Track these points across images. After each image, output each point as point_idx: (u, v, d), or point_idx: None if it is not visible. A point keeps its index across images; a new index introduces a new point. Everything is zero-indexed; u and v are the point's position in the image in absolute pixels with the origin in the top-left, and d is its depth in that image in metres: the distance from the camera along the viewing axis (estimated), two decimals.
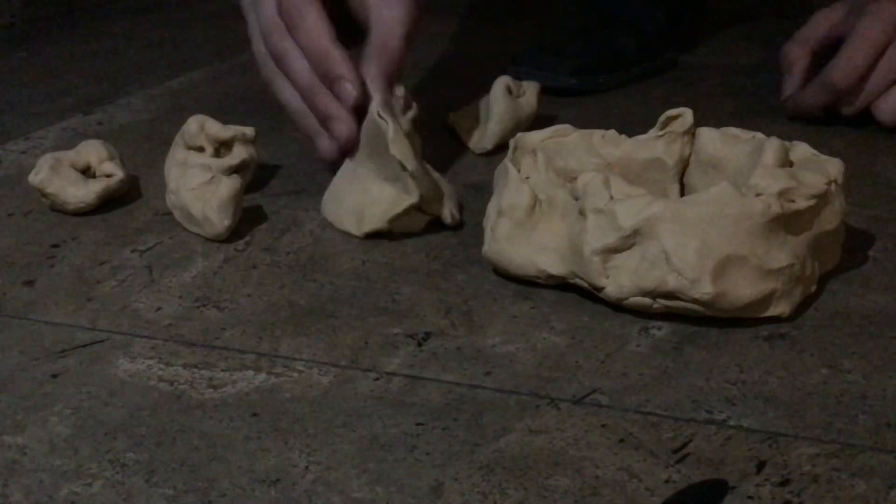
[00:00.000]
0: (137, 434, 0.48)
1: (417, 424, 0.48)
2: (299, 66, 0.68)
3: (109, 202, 0.72)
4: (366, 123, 0.66)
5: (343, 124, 0.67)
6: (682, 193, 0.65)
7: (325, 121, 0.68)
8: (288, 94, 0.71)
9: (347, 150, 0.68)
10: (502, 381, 0.51)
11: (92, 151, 0.72)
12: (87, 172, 0.72)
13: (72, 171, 0.70)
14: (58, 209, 0.71)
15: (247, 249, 0.66)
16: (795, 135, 0.68)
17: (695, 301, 0.54)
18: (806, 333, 0.55)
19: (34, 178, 0.70)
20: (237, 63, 1.04)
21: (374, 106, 0.65)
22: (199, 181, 0.66)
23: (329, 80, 0.67)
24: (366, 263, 0.64)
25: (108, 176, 0.71)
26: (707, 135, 0.64)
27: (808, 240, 0.56)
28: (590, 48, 0.95)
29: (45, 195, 0.70)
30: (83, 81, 1.02)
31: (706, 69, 1.01)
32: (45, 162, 0.70)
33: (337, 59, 0.67)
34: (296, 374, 0.52)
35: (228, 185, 0.65)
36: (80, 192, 0.70)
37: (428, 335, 0.56)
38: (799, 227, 0.56)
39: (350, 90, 0.66)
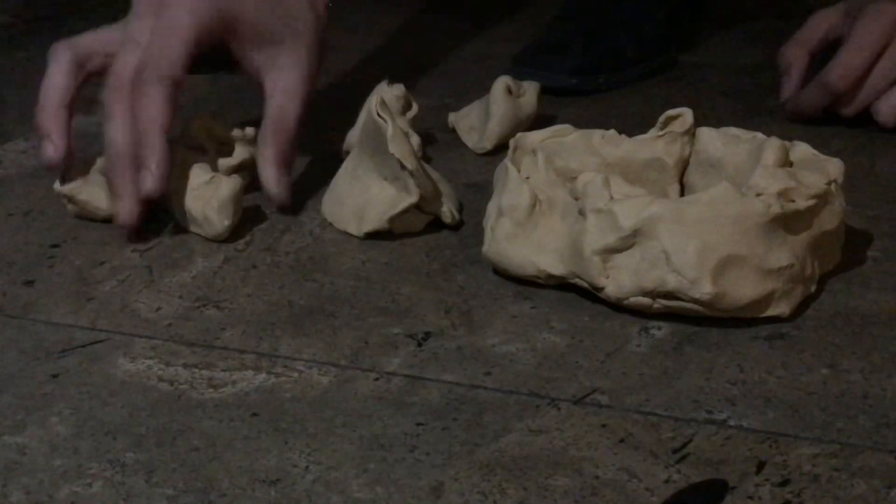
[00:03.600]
0: (137, 434, 0.48)
1: (417, 424, 0.48)
2: (119, 132, 0.66)
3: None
4: (365, 123, 0.66)
5: (124, 211, 0.65)
6: (682, 193, 0.65)
7: (114, 195, 0.66)
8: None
9: (128, 230, 0.66)
10: (502, 381, 0.51)
11: None
12: None
13: (102, 178, 0.69)
14: (87, 216, 0.69)
15: (247, 249, 0.66)
16: (795, 135, 0.68)
17: (695, 301, 0.54)
18: (806, 333, 0.55)
19: (64, 186, 0.68)
20: None
21: (374, 105, 0.65)
22: (199, 181, 0.66)
23: (136, 162, 0.65)
24: (366, 263, 0.64)
25: None
26: (707, 135, 0.64)
27: (808, 240, 0.56)
28: (590, 48, 0.95)
29: (73, 202, 0.69)
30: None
31: (706, 69, 1.01)
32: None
33: (152, 147, 0.64)
34: (296, 374, 0.52)
35: (228, 185, 0.65)
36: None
37: (428, 335, 0.56)
38: (799, 227, 0.56)
39: (147, 181, 0.64)
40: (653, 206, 0.55)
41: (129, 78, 0.66)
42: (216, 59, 0.72)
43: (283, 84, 0.70)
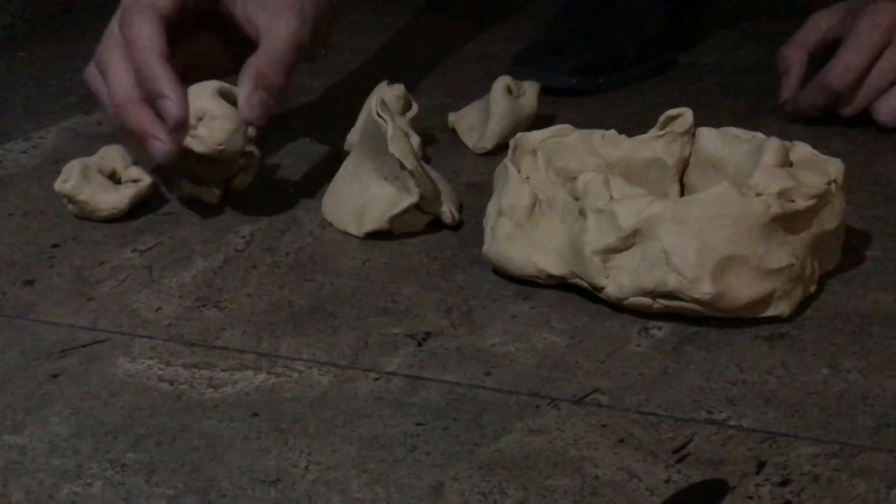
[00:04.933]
0: (137, 434, 0.48)
1: (417, 424, 0.48)
2: (118, 79, 0.65)
3: (136, 207, 0.71)
4: (365, 123, 0.66)
5: (158, 147, 0.64)
6: (682, 193, 0.65)
7: (140, 138, 0.65)
8: (107, 101, 0.68)
9: (170, 160, 0.65)
10: (502, 381, 0.51)
11: (116, 157, 0.70)
12: (112, 178, 0.70)
13: (101, 178, 0.69)
14: (86, 216, 0.69)
15: (247, 249, 0.66)
16: (795, 135, 0.68)
17: (695, 301, 0.54)
18: (806, 333, 0.55)
19: (64, 185, 0.68)
20: None
21: (374, 105, 0.65)
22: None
23: (151, 98, 0.64)
24: (366, 263, 0.64)
25: (136, 181, 0.70)
26: (707, 135, 0.64)
27: (808, 240, 0.56)
28: (590, 48, 0.95)
29: (73, 202, 0.68)
30: (83, 81, 1.02)
31: (706, 69, 1.01)
32: (73, 169, 0.68)
33: (159, 75, 0.63)
34: (296, 374, 0.52)
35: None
36: (113, 199, 0.68)
37: (428, 335, 0.56)
38: (799, 227, 0.56)
39: (170, 108, 0.63)
40: (653, 206, 0.55)
41: (115, 30, 0.66)
42: (211, 66, 0.72)
43: (279, 27, 0.68)
